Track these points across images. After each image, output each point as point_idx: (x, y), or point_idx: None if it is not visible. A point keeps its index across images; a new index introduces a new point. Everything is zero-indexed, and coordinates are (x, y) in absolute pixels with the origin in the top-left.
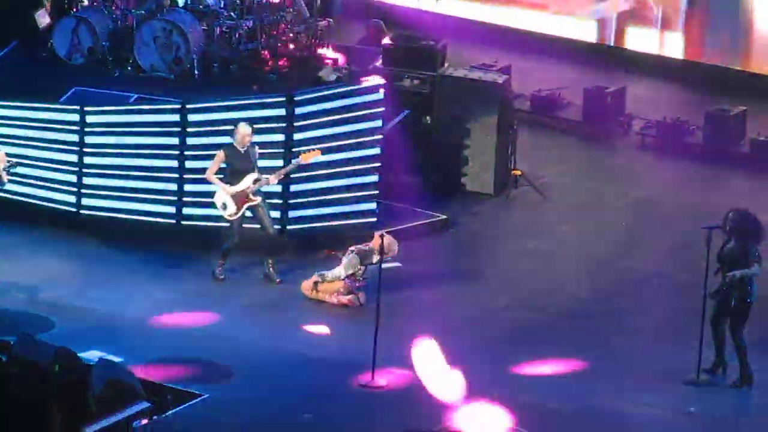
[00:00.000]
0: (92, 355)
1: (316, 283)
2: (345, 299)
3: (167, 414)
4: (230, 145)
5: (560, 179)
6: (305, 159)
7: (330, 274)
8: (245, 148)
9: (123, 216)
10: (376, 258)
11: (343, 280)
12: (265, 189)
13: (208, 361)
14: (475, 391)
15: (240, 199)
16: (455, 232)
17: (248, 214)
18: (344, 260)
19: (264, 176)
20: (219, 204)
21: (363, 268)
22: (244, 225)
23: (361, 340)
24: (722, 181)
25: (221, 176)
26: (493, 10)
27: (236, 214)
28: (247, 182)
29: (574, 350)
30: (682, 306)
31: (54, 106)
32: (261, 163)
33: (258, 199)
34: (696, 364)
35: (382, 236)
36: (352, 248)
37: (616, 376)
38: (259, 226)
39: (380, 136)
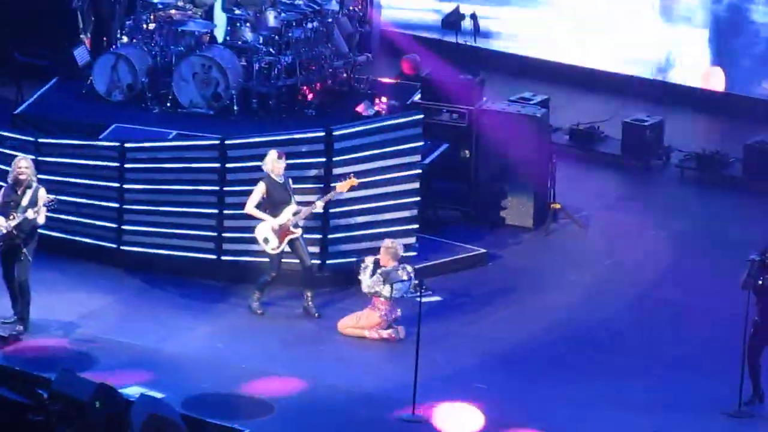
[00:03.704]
0: (133, 391)
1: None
2: (385, 334)
3: None
4: (268, 176)
5: (599, 212)
6: (342, 188)
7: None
8: (282, 179)
9: (163, 251)
10: (396, 273)
11: (376, 296)
12: (303, 223)
13: (248, 395)
14: (515, 423)
15: (282, 232)
16: (494, 266)
17: (287, 249)
18: (367, 280)
19: (303, 208)
20: (261, 238)
21: (389, 286)
22: (283, 259)
23: (401, 373)
24: (762, 214)
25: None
26: (530, 44)
27: (278, 247)
28: (287, 214)
29: (614, 383)
30: (722, 338)
31: (94, 143)
32: (300, 198)
33: (299, 231)
34: (737, 396)
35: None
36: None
37: (656, 408)
38: (297, 260)
39: (419, 170)
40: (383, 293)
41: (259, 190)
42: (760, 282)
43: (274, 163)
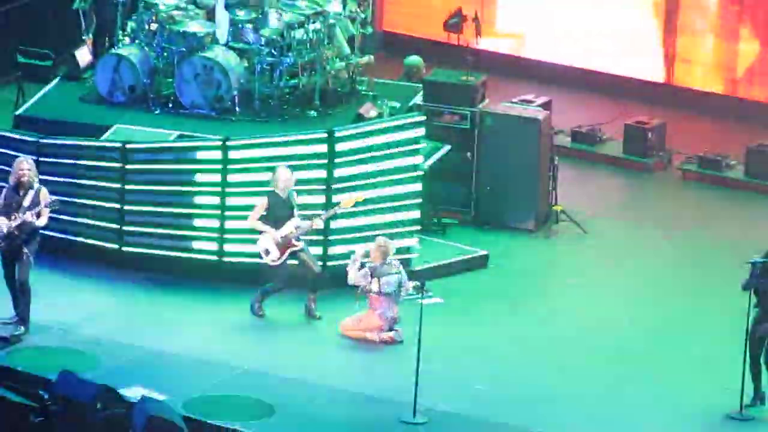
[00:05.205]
0: (135, 392)
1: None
2: (386, 336)
3: None
4: (272, 192)
5: (601, 214)
6: (346, 205)
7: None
8: (286, 194)
9: (165, 252)
10: (384, 268)
11: (368, 293)
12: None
13: (250, 397)
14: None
15: (283, 245)
16: (495, 268)
17: (288, 259)
18: (354, 273)
19: (305, 222)
20: (261, 250)
21: (377, 280)
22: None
23: (402, 375)
24: (763, 216)
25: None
26: (533, 45)
27: (279, 259)
28: (289, 227)
29: (615, 385)
30: (722, 339)
31: (96, 144)
32: (302, 199)
33: (301, 244)
34: (739, 399)
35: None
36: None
37: (659, 411)
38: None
39: (421, 173)
40: (371, 288)
41: (262, 205)
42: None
43: (286, 182)
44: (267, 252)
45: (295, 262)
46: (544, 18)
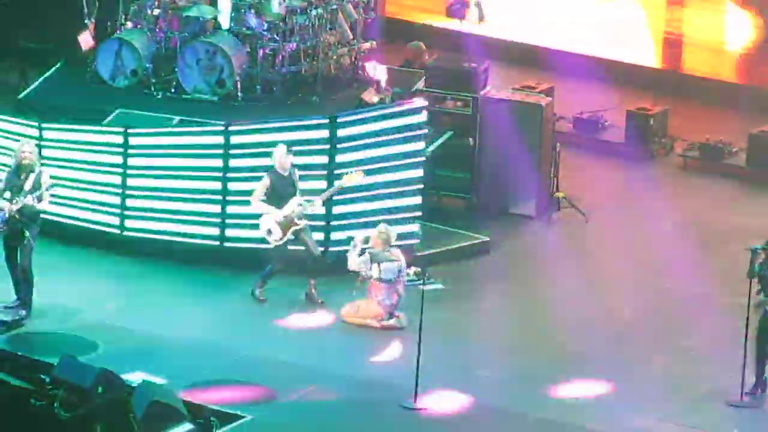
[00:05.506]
0: (135, 376)
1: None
2: (386, 322)
3: None
4: (273, 170)
5: (602, 201)
6: (348, 181)
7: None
8: (287, 172)
9: (166, 237)
10: (384, 255)
11: (367, 279)
12: (308, 212)
13: (251, 382)
14: (517, 410)
15: (286, 224)
16: (497, 254)
17: (291, 237)
18: (354, 258)
19: (308, 200)
20: (264, 230)
21: (377, 265)
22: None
23: (404, 361)
24: (765, 203)
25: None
26: (535, 31)
27: (281, 239)
28: (291, 206)
29: (618, 372)
30: (725, 327)
31: (98, 128)
32: (304, 185)
33: (303, 223)
34: (740, 385)
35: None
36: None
37: (660, 397)
38: (303, 248)
39: (423, 158)
40: (371, 274)
41: (264, 184)
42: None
43: (281, 159)
44: (269, 232)
45: (298, 246)
46: (546, 3)
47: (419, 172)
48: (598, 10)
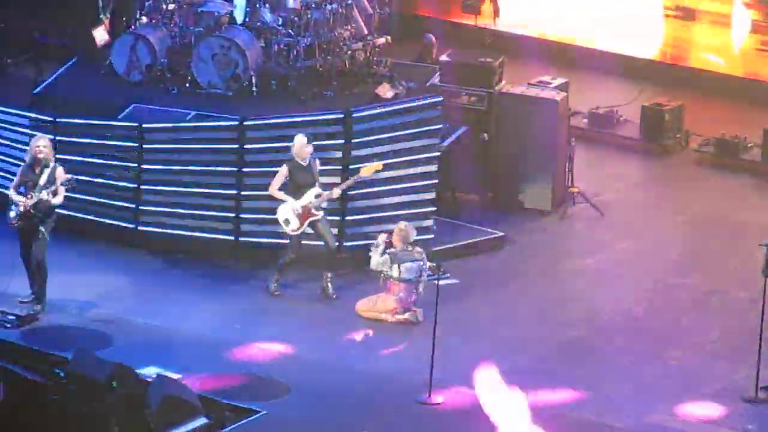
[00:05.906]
0: (150, 371)
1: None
2: (402, 317)
3: (225, 430)
4: (292, 159)
5: (617, 196)
6: (366, 172)
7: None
8: (307, 162)
9: (181, 232)
10: (405, 254)
11: (388, 278)
12: (324, 205)
13: (266, 377)
14: (529, 405)
15: (303, 214)
16: (512, 249)
17: (308, 230)
18: (376, 258)
19: (325, 191)
20: (282, 219)
21: (397, 266)
22: (303, 241)
23: (419, 356)
24: None
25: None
26: (551, 27)
27: (299, 229)
28: (309, 197)
29: (631, 367)
30: (740, 323)
31: (112, 123)
32: (319, 179)
33: (320, 214)
34: (754, 382)
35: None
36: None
37: (674, 393)
38: (320, 241)
39: (437, 153)
40: (392, 274)
41: (282, 173)
42: None
43: (300, 148)
44: (287, 222)
45: (316, 242)
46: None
47: (434, 167)
48: (613, 6)
